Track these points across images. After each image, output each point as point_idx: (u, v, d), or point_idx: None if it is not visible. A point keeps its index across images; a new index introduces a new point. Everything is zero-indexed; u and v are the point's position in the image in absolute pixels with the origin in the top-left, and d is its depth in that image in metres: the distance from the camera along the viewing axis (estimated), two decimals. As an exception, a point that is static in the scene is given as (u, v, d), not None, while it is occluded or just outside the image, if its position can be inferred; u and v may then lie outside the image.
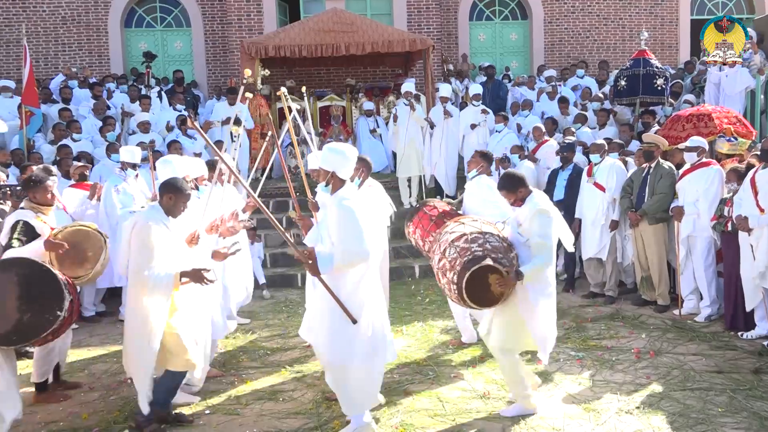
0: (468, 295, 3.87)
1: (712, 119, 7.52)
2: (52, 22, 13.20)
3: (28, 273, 3.73)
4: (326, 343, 3.89)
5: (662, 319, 6.18)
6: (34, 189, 4.47)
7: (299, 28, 10.73)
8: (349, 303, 3.80)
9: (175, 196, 3.97)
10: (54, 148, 8.59)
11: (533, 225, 3.99)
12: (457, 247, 4.00)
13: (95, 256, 4.39)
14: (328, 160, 3.89)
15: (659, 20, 14.34)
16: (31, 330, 3.69)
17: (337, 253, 3.71)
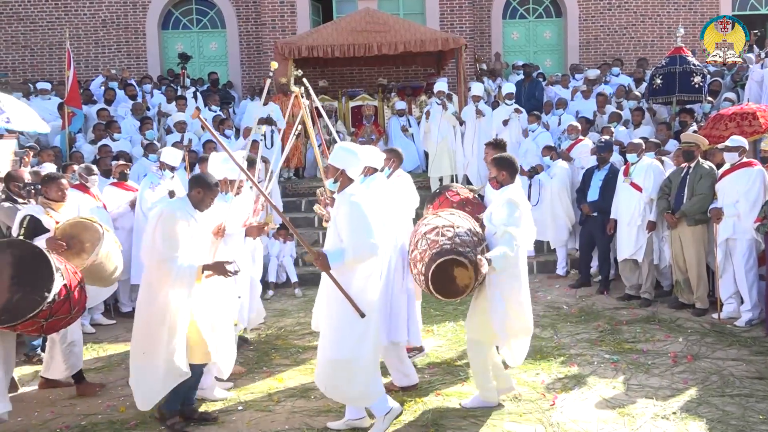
0: (434, 286, 3.97)
1: (756, 118, 7.29)
2: (93, 25, 13.56)
3: (22, 254, 3.84)
4: (334, 338, 3.88)
5: (700, 323, 6.03)
6: (47, 185, 4.69)
7: (332, 28, 10.79)
8: (359, 298, 3.82)
9: (204, 190, 4.03)
10: (94, 148, 8.83)
11: (502, 213, 4.09)
12: (428, 239, 4.08)
13: (92, 246, 4.54)
14: (340, 157, 3.93)
15: (699, 17, 13.99)
16: (19, 310, 3.76)
17: (348, 248, 3.75)
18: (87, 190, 6.53)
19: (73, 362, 4.81)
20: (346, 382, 3.88)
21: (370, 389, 3.94)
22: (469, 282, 3.97)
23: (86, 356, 5.73)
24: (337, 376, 3.89)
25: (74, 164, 7.04)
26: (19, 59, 13.54)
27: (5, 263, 3.78)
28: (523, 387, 4.67)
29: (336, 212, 3.90)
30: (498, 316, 4.08)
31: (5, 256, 3.81)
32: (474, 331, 4.26)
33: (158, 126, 10.15)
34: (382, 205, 4.18)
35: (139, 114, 10.01)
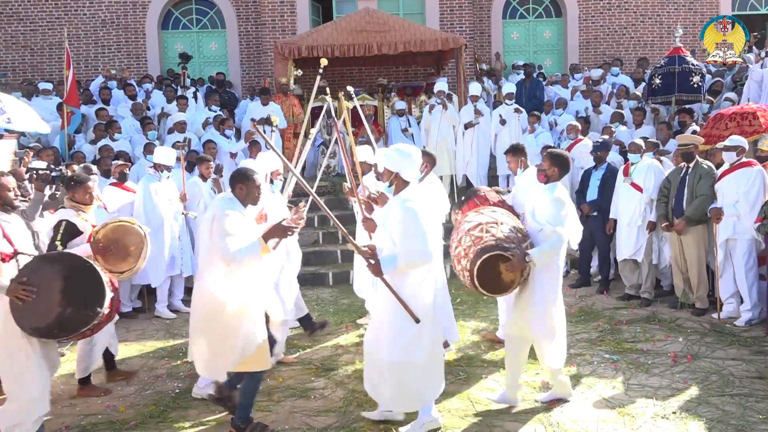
0: (479, 282, 3.99)
1: (756, 117, 7.29)
2: (92, 25, 13.57)
3: (72, 268, 3.81)
4: (389, 342, 3.85)
5: (700, 323, 6.03)
6: (74, 188, 4.64)
7: (332, 28, 10.79)
8: (413, 303, 3.80)
9: (246, 185, 3.96)
10: (94, 148, 8.83)
11: (548, 210, 4.09)
12: (471, 236, 4.12)
13: (137, 250, 4.47)
14: (394, 160, 3.90)
15: (699, 17, 13.99)
16: (71, 324, 3.77)
17: (401, 254, 3.73)
18: (87, 190, 6.51)
19: (88, 364, 4.82)
20: (395, 384, 3.86)
21: (422, 393, 3.94)
22: (515, 278, 4.01)
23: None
24: (386, 377, 3.86)
25: (74, 164, 7.04)
26: (19, 59, 13.54)
27: (55, 277, 3.72)
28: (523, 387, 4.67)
29: (389, 215, 3.87)
30: (540, 314, 4.11)
31: (55, 269, 3.77)
32: (514, 328, 4.27)
33: (158, 126, 10.14)
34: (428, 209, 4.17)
35: (138, 114, 10.01)
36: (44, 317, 3.68)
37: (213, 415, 4.40)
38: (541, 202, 4.21)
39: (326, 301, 7.38)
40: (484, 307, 6.76)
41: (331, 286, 8.04)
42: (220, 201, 4.01)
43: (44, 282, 3.69)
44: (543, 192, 4.24)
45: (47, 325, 3.70)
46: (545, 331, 4.16)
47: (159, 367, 5.40)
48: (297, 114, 10.42)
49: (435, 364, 3.98)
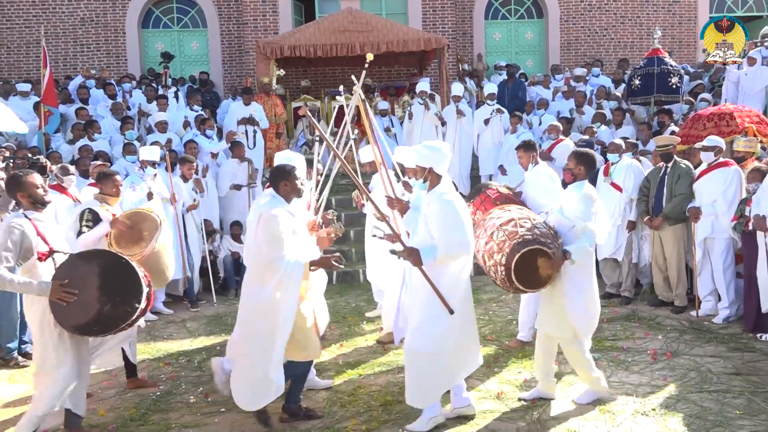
0: (516, 276, 4.00)
1: (733, 118, 7.41)
2: (71, 23, 13.38)
3: (108, 264, 3.79)
4: (419, 330, 3.91)
5: (679, 321, 6.11)
6: (102, 181, 4.85)
7: (314, 27, 10.77)
8: (449, 294, 3.84)
9: (289, 181, 3.97)
10: (72, 148, 8.71)
11: (578, 207, 4.15)
12: (505, 231, 4.14)
13: (150, 235, 4.65)
14: (426, 156, 3.98)
15: (677, 18, 14.18)
16: (110, 321, 3.76)
17: (440, 246, 3.78)
18: (64, 190, 6.44)
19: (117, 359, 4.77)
20: (420, 374, 3.91)
21: (439, 387, 3.99)
22: (552, 273, 4.05)
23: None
24: (419, 367, 3.93)
25: (52, 164, 6.95)
26: (-5, 57, 13.32)
27: (92, 274, 3.72)
28: (505, 385, 4.70)
29: (426, 209, 3.92)
30: (577, 310, 4.14)
31: (92, 266, 3.75)
32: (549, 327, 4.27)
33: (138, 126, 10.04)
34: None
35: (118, 114, 9.90)
36: (84, 315, 3.69)
37: (194, 417, 4.36)
38: (569, 199, 4.28)
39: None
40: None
41: (314, 287, 8.01)
42: (265, 201, 3.99)
43: (82, 280, 3.69)
44: (571, 190, 4.30)
45: (87, 323, 3.71)
46: (585, 327, 4.21)
47: (140, 369, 5.33)
48: (279, 114, 10.38)
49: (459, 356, 4.02)
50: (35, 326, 3.77)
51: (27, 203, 3.80)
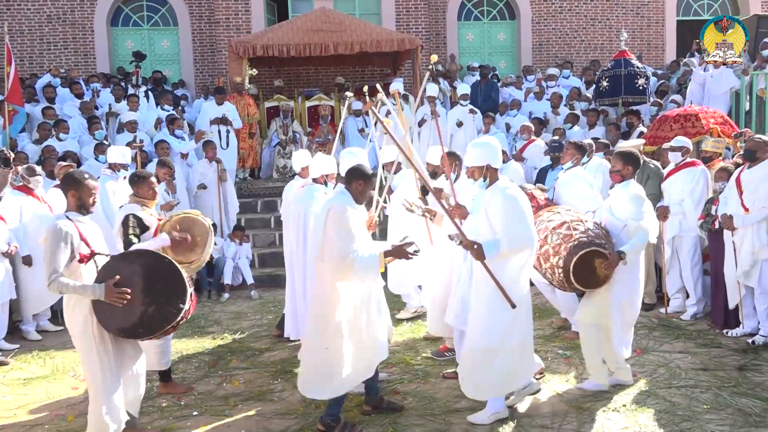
0: (575, 277, 4.16)
1: (699, 119, 7.59)
2: (37, 20, 13.07)
3: (151, 265, 3.73)
4: (483, 326, 3.94)
5: (648, 318, 6.22)
6: (138, 183, 4.61)
7: (287, 27, 10.70)
8: (511, 289, 3.88)
9: (365, 182, 3.95)
10: (38, 148, 8.50)
11: (630, 207, 4.29)
12: (559, 234, 4.30)
13: (203, 240, 4.53)
14: (480, 155, 4.02)
15: (645, 21, 14.45)
16: (155, 323, 3.69)
17: (504, 240, 3.82)
18: (30, 191, 6.29)
19: (167, 360, 4.71)
20: (486, 370, 3.95)
21: (508, 380, 4.03)
22: (610, 273, 4.18)
23: (31, 364, 5.54)
24: (478, 363, 3.96)
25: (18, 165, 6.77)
26: (-43, 55, 12.93)
27: (137, 275, 3.65)
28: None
29: (487, 205, 3.95)
30: (621, 304, 4.28)
31: (135, 267, 3.67)
32: (590, 317, 4.39)
33: (107, 126, 9.85)
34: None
35: (87, 113, 9.69)
36: (128, 317, 3.63)
37: (166, 422, 4.29)
38: (618, 199, 4.40)
39: (283, 303, 7.28)
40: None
41: (288, 288, 7.97)
42: (336, 195, 3.99)
43: (125, 281, 3.62)
44: (619, 190, 4.43)
45: (132, 325, 3.65)
46: (627, 320, 4.37)
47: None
48: (252, 114, 10.30)
49: (526, 350, 4.07)
50: (77, 331, 3.68)
51: (74, 204, 3.74)
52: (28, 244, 6.18)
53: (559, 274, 4.28)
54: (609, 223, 4.43)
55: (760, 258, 5.32)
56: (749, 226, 5.34)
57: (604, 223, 4.45)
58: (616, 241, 4.31)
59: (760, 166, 5.36)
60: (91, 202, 3.77)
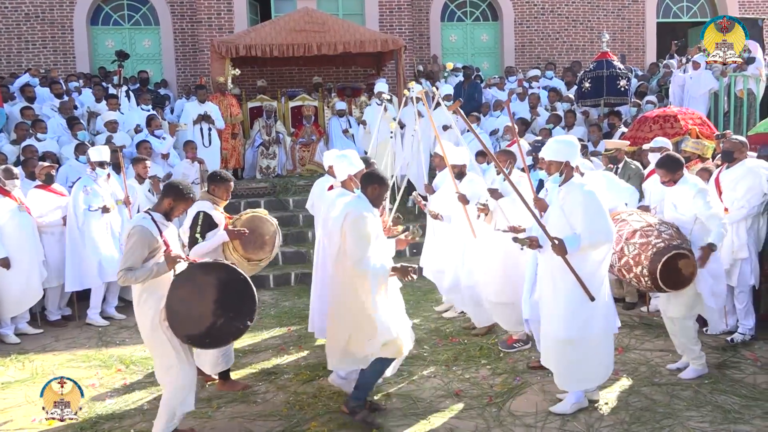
0: (663, 282, 4.29)
1: (677, 120, 7.70)
2: (15, 18, 12.87)
3: (227, 279, 3.78)
4: (565, 319, 4.03)
5: (630, 316, 6.28)
6: (217, 183, 4.65)
7: (270, 27, 10.65)
8: (590, 282, 3.99)
9: (380, 186, 4.03)
10: (16, 148, 8.37)
11: (697, 202, 4.46)
12: (635, 244, 4.43)
13: (272, 239, 4.62)
14: (559, 150, 4.13)
15: (626, 23, 14.62)
16: (221, 336, 3.76)
17: (584, 235, 3.92)
18: (8, 193, 6.19)
19: (226, 360, 4.72)
20: (567, 362, 4.09)
21: (591, 372, 4.14)
22: (694, 269, 4.33)
23: (10, 368, 5.46)
24: (559, 355, 4.10)
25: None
26: (-67, 54, 12.70)
27: (210, 286, 3.72)
28: (464, 383, 4.75)
29: (563, 201, 4.07)
30: (709, 288, 4.46)
31: (210, 278, 3.74)
32: (679, 311, 4.57)
33: (88, 126, 9.72)
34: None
35: (66, 114, 9.56)
36: (198, 325, 3.69)
37: (148, 424, 4.25)
38: (681, 196, 4.58)
39: (267, 304, 7.27)
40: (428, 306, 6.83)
41: (271, 289, 7.94)
42: (353, 200, 4.07)
43: (200, 290, 3.67)
44: (680, 186, 4.60)
45: (200, 334, 3.69)
46: (719, 304, 4.59)
47: (91, 376, 5.18)
48: (235, 114, 10.23)
49: (607, 343, 4.17)
50: (147, 328, 3.75)
51: (164, 210, 3.84)
52: (5, 246, 6.08)
53: (646, 282, 4.41)
54: (675, 219, 4.58)
55: (739, 257, 5.39)
56: (729, 226, 5.41)
57: (671, 220, 4.60)
58: (694, 236, 4.48)
59: (737, 167, 5.43)
60: (176, 215, 3.91)
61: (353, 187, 4.64)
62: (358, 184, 4.52)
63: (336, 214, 4.08)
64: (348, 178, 4.71)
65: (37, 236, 6.40)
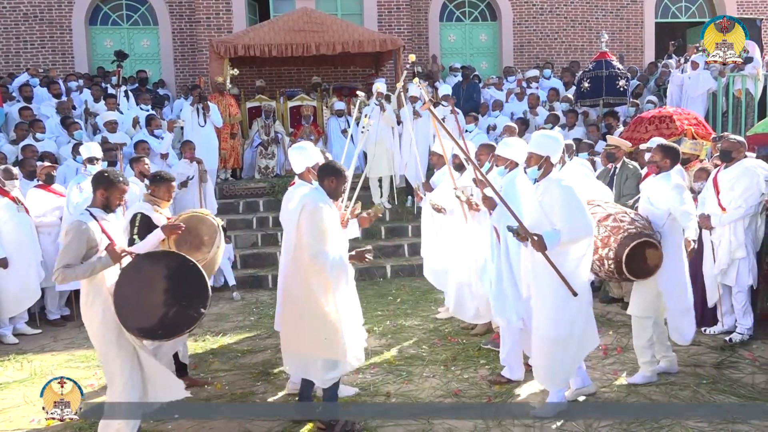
0: (627, 268, 4.24)
1: (673, 121, 7.71)
2: (14, 18, 12.85)
3: (176, 267, 3.70)
4: (550, 317, 4.01)
5: (628, 316, 6.26)
6: (158, 184, 4.59)
7: (269, 27, 10.65)
8: (572, 278, 3.97)
9: (336, 178, 3.96)
10: (15, 148, 8.37)
11: (672, 195, 4.41)
12: (606, 226, 4.38)
13: (210, 239, 4.44)
14: (544, 144, 4.10)
15: (625, 23, 14.62)
16: (175, 325, 3.66)
17: (564, 230, 3.90)
18: (7, 193, 6.19)
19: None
20: (552, 360, 4.05)
21: (569, 370, 4.14)
22: (659, 262, 4.29)
23: (8, 368, 5.45)
24: (552, 353, 4.05)
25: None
26: (-69, 54, 12.68)
27: (159, 276, 3.63)
28: (462, 384, 4.75)
29: (542, 197, 4.03)
30: (671, 290, 4.42)
31: (159, 268, 3.66)
32: (643, 310, 4.53)
33: (85, 126, 9.72)
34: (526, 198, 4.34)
35: (64, 113, 9.54)
36: (149, 317, 3.60)
37: (147, 425, 4.24)
38: (656, 190, 4.53)
39: (266, 304, 7.28)
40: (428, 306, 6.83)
41: (270, 289, 7.93)
42: (310, 191, 3.98)
43: (148, 281, 3.58)
44: (657, 180, 4.58)
45: (151, 326, 3.61)
46: (680, 306, 4.48)
47: (89, 377, 5.18)
48: (234, 114, 10.22)
49: (586, 338, 4.16)
50: (95, 328, 3.65)
51: (100, 202, 3.73)
52: (3, 246, 6.07)
53: (609, 265, 4.34)
54: (648, 213, 4.55)
55: (737, 257, 5.40)
56: (726, 226, 5.42)
57: (645, 214, 4.57)
58: (665, 230, 4.43)
59: (735, 166, 5.44)
60: (117, 203, 3.79)
61: (311, 179, 4.50)
62: (315, 176, 4.40)
63: (292, 206, 4.00)
64: (306, 170, 4.56)
65: (35, 236, 6.40)
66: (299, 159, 4.60)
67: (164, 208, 4.63)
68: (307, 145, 4.78)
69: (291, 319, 4.03)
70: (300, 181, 4.58)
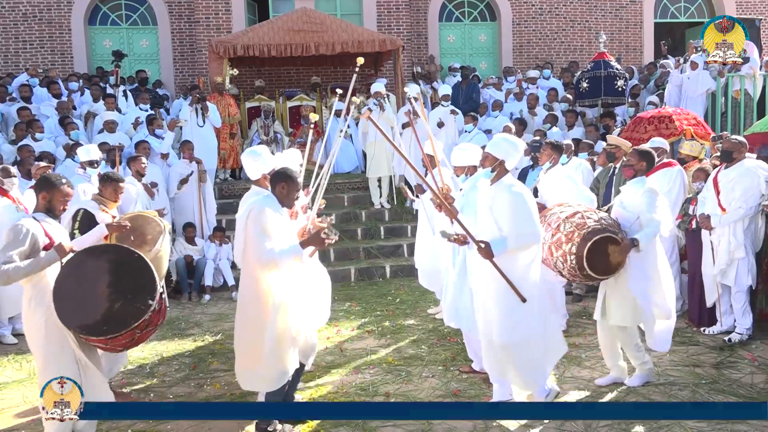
0: (588, 263, 4.20)
1: (672, 121, 7.72)
2: (12, 18, 12.84)
3: (119, 260, 3.60)
4: (502, 324, 3.99)
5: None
6: (105, 183, 4.59)
7: (268, 27, 10.65)
8: (521, 284, 3.94)
9: (287, 184, 3.90)
10: (14, 148, 8.36)
11: (642, 200, 4.37)
12: (572, 222, 4.37)
13: (154, 239, 4.40)
14: (502, 148, 4.05)
15: (624, 23, 14.63)
16: (121, 319, 3.53)
17: (511, 237, 3.87)
18: (5, 193, 6.18)
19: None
20: (516, 365, 4.03)
21: (543, 370, 4.15)
22: (622, 260, 4.24)
23: (7, 368, 5.45)
24: (505, 359, 4.03)
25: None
26: (-71, 54, 12.67)
27: (102, 271, 3.54)
28: (462, 383, 4.75)
29: (492, 202, 4.00)
30: (643, 296, 4.33)
31: (101, 262, 3.56)
32: (621, 319, 4.45)
33: (85, 126, 9.71)
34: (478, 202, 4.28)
35: (62, 113, 9.53)
36: (93, 313, 3.48)
37: (146, 424, 4.25)
38: (630, 193, 4.50)
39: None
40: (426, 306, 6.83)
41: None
42: (257, 198, 3.91)
43: (90, 276, 3.49)
44: (632, 185, 4.53)
45: (95, 322, 3.49)
46: (649, 313, 4.40)
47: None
48: (233, 114, 10.22)
49: (550, 336, 4.15)
50: (39, 333, 3.54)
51: (43, 206, 3.67)
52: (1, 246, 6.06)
53: (571, 261, 4.31)
54: (620, 216, 4.51)
55: (736, 257, 5.41)
56: (726, 226, 5.43)
57: (616, 216, 4.54)
58: (628, 233, 4.37)
59: (735, 167, 5.45)
60: (61, 208, 3.70)
61: (267, 186, 4.31)
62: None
63: (240, 213, 3.96)
64: (262, 177, 4.35)
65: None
66: (254, 166, 4.28)
67: (111, 209, 4.59)
68: (263, 151, 4.52)
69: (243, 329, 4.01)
70: (255, 187, 4.31)
